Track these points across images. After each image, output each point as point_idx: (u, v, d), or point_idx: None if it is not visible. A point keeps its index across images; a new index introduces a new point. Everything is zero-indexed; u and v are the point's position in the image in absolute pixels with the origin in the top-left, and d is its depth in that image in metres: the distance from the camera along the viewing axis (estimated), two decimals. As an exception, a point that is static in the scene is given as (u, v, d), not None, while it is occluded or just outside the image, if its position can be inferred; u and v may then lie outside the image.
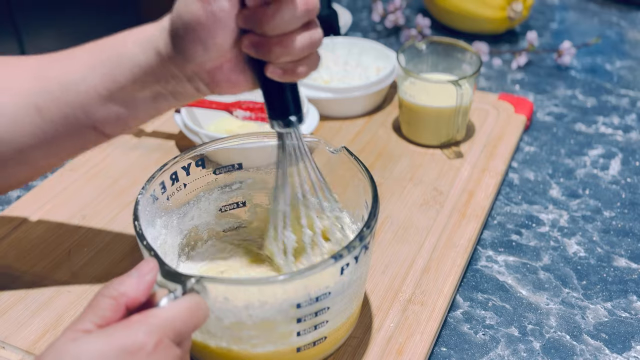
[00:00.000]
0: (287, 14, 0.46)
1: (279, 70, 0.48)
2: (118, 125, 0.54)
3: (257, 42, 0.47)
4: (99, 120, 0.53)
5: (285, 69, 0.48)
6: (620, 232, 0.73)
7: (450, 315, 0.63)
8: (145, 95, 0.52)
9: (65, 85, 0.52)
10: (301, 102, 0.52)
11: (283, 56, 0.47)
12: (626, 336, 0.61)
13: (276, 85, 0.50)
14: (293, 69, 0.49)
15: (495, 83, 1.03)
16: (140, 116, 0.54)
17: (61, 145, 0.55)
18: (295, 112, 0.52)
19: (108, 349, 0.38)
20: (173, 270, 0.45)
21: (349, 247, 0.48)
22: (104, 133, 0.55)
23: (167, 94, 0.52)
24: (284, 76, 0.49)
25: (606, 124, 0.92)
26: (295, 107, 0.52)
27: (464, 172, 0.79)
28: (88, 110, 0.52)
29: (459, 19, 1.14)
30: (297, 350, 0.52)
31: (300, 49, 0.48)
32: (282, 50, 0.47)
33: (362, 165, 0.56)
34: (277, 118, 0.52)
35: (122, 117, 0.53)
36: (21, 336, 0.59)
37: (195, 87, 0.52)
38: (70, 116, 0.53)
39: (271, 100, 0.51)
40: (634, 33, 1.19)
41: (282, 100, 0.51)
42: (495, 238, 0.72)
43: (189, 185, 0.60)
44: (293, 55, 0.48)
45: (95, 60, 0.52)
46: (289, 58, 0.48)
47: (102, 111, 0.53)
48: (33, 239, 0.70)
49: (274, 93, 0.51)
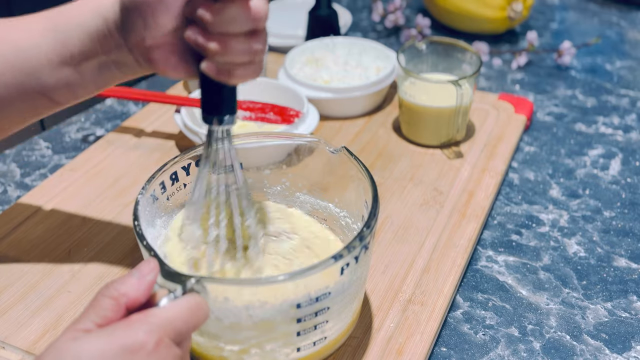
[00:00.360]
0: (231, 14, 0.46)
1: (214, 68, 0.48)
2: (67, 94, 0.56)
3: (198, 34, 0.48)
4: (48, 87, 0.55)
5: (220, 69, 0.48)
6: (620, 232, 0.73)
7: (450, 315, 0.63)
8: (92, 64, 0.54)
9: (19, 50, 0.54)
10: (236, 102, 0.52)
11: (219, 55, 0.48)
12: (626, 336, 0.61)
13: (212, 81, 0.50)
14: (229, 71, 0.49)
15: (495, 83, 1.03)
16: (87, 86, 0.55)
17: (15, 110, 0.56)
18: (226, 112, 0.51)
19: (108, 348, 0.38)
20: (173, 270, 0.45)
21: (349, 247, 0.48)
22: (54, 100, 0.56)
23: (111, 63, 0.54)
24: (218, 75, 0.49)
25: (606, 124, 0.92)
26: (227, 106, 0.51)
27: (464, 172, 0.79)
28: (39, 77, 0.54)
29: (459, 19, 1.14)
30: (297, 350, 0.52)
31: (238, 53, 0.48)
32: (218, 48, 0.47)
33: (362, 165, 0.56)
34: (209, 113, 0.51)
35: (71, 85, 0.55)
36: (21, 336, 0.59)
37: (136, 60, 0.53)
38: (22, 82, 0.54)
39: (206, 95, 0.51)
40: (634, 33, 1.19)
41: (217, 97, 0.50)
42: (495, 238, 0.72)
43: (189, 185, 0.60)
44: (229, 56, 0.48)
45: (49, 25, 0.54)
46: (225, 59, 0.48)
47: (52, 77, 0.54)
48: (33, 239, 0.70)
49: (209, 88, 0.50)
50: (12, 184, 0.81)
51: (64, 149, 0.87)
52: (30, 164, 0.84)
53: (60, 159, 0.85)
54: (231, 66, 0.48)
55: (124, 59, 0.53)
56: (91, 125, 0.93)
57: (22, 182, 0.81)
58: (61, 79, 0.54)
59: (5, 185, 0.81)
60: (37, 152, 0.87)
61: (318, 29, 1.02)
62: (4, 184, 0.81)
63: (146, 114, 0.91)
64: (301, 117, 0.80)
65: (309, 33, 1.03)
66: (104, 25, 0.52)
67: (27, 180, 0.81)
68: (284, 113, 0.81)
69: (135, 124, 0.89)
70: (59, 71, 0.54)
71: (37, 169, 0.83)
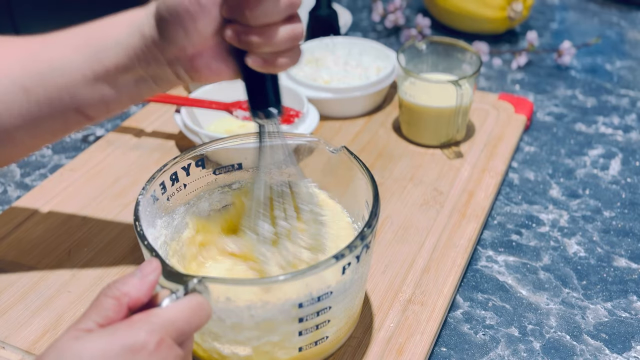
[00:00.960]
0: (269, 5, 0.47)
1: (260, 60, 0.50)
2: (101, 108, 0.55)
3: (239, 32, 0.49)
4: (82, 103, 0.54)
5: (265, 60, 0.50)
6: (620, 232, 0.73)
7: (450, 315, 0.63)
8: (128, 78, 0.53)
9: (52, 67, 0.53)
10: (281, 95, 0.53)
11: (263, 47, 0.49)
12: (626, 336, 0.61)
13: (257, 75, 0.51)
14: (274, 60, 0.50)
15: (495, 83, 1.03)
16: (122, 100, 0.55)
17: (45, 127, 0.56)
18: (274, 104, 0.53)
19: (110, 348, 0.38)
20: (175, 270, 0.45)
21: (351, 246, 0.48)
22: (87, 115, 0.56)
23: (148, 77, 0.53)
24: (265, 66, 0.50)
25: (606, 124, 0.92)
26: (275, 98, 0.53)
27: (464, 172, 0.79)
28: (73, 92, 0.54)
29: (459, 19, 1.14)
30: (298, 349, 0.52)
31: (281, 40, 0.49)
32: (263, 40, 0.48)
33: (362, 165, 0.56)
34: (257, 109, 0.53)
35: (105, 99, 0.54)
36: (21, 336, 0.59)
37: (175, 73, 0.53)
38: (55, 98, 0.54)
39: (252, 91, 0.52)
40: (634, 33, 1.19)
41: (263, 91, 0.52)
42: (495, 238, 0.72)
43: (189, 185, 0.60)
44: (274, 46, 0.49)
45: (82, 42, 0.53)
46: (270, 49, 0.49)
47: (86, 93, 0.54)
48: (33, 239, 0.70)
49: (255, 83, 0.52)
50: (12, 184, 0.81)
51: (64, 149, 0.87)
52: (30, 164, 0.84)
53: (60, 159, 0.85)
54: (275, 56, 0.49)
55: (162, 72, 0.53)
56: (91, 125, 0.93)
57: (22, 182, 0.81)
58: (96, 94, 0.54)
59: (5, 185, 0.81)
60: (37, 152, 0.87)
61: (318, 29, 1.02)
62: (4, 184, 0.81)
63: (146, 114, 0.91)
64: (301, 117, 0.80)
65: (309, 33, 1.03)
66: (141, 39, 0.51)
67: (27, 180, 0.81)
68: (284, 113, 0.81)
69: (135, 124, 0.89)
70: (93, 87, 0.53)
71: (37, 169, 0.83)
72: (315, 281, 0.48)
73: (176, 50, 0.50)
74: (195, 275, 0.44)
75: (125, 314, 0.41)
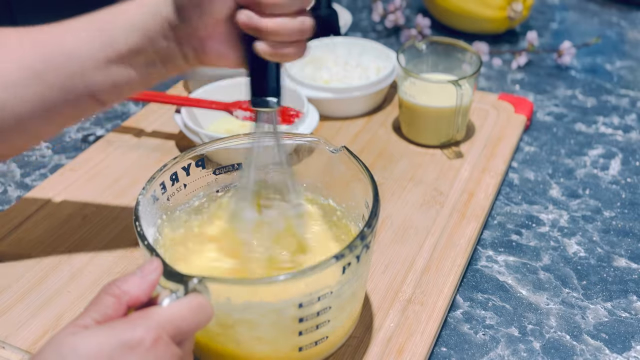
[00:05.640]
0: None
1: (268, 48, 0.52)
2: (114, 93, 0.57)
3: (251, 18, 0.51)
4: (95, 88, 0.55)
5: (273, 47, 0.52)
6: (620, 232, 0.73)
7: (450, 315, 0.63)
8: (140, 60, 0.55)
9: (65, 53, 0.54)
10: (282, 88, 0.55)
11: (273, 35, 0.51)
12: (626, 336, 0.61)
13: (262, 63, 0.53)
14: (281, 49, 0.52)
15: (495, 83, 1.03)
16: (133, 83, 0.56)
17: (59, 113, 0.57)
18: (275, 94, 0.54)
19: (106, 342, 0.38)
20: (175, 270, 0.45)
21: (351, 246, 0.48)
22: (100, 100, 0.57)
23: (157, 60, 0.55)
24: (271, 53, 0.52)
25: (606, 124, 0.92)
26: (276, 89, 0.54)
27: (464, 172, 0.79)
28: (86, 78, 0.55)
29: (459, 19, 1.14)
30: (298, 349, 0.52)
31: (291, 31, 0.51)
32: (273, 28, 0.50)
33: (362, 165, 0.56)
34: (258, 96, 0.54)
35: (118, 84, 0.56)
36: (21, 336, 0.59)
37: (183, 53, 0.55)
38: (68, 84, 0.55)
39: (255, 79, 0.54)
40: (634, 33, 1.19)
41: (265, 80, 0.54)
42: (495, 238, 0.72)
43: (189, 185, 0.60)
44: (283, 35, 0.51)
45: (94, 26, 0.55)
46: (279, 38, 0.51)
47: (99, 78, 0.55)
48: (33, 239, 0.70)
49: (258, 71, 0.54)
50: (12, 184, 0.81)
51: (64, 149, 0.87)
52: (31, 164, 0.84)
53: (60, 159, 0.85)
54: (283, 46, 0.52)
55: (172, 53, 0.55)
56: (91, 125, 0.93)
57: (22, 182, 0.81)
58: (108, 78, 0.55)
59: (5, 185, 0.81)
60: (37, 152, 0.87)
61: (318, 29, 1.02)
62: (4, 184, 0.81)
63: (146, 114, 0.91)
64: (301, 117, 0.80)
65: (309, 33, 1.03)
66: (154, 19, 0.53)
67: (27, 180, 0.81)
68: (284, 113, 0.81)
69: (135, 124, 0.89)
70: (105, 70, 0.55)
71: (37, 169, 0.83)
72: (315, 281, 0.48)
73: (190, 30, 0.53)
74: (195, 276, 0.44)
75: (125, 312, 0.41)
